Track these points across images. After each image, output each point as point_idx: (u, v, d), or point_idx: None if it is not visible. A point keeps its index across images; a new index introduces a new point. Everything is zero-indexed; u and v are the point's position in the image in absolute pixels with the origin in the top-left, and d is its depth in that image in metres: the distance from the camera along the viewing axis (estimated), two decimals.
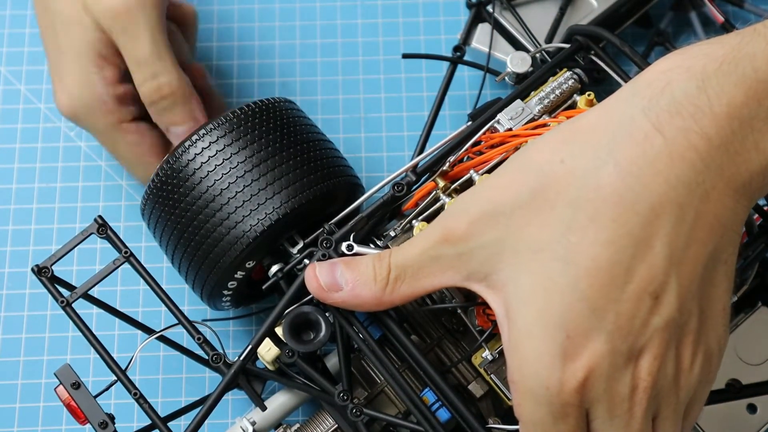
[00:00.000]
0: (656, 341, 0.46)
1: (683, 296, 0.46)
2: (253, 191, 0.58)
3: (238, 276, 0.60)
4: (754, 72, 0.47)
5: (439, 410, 0.55)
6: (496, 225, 0.48)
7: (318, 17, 0.79)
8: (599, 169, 0.47)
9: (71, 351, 0.70)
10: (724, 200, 0.47)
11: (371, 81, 0.77)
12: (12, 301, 0.71)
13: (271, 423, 0.60)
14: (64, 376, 0.54)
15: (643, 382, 0.46)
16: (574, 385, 0.46)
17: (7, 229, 0.73)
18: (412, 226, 0.58)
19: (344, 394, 0.55)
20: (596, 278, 0.46)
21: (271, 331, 0.57)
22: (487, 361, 0.56)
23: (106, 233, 0.57)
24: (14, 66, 0.77)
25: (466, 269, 0.49)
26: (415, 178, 0.58)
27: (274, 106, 0.62)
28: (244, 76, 0.77)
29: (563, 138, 0.49)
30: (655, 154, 0.46)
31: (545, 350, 0.46)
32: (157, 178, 0.60)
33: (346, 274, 0.53)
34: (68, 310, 0.56)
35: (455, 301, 0.57)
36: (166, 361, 0.69)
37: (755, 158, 0.47)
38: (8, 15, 0.79)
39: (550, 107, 0.60)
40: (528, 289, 0.47)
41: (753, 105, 0.47)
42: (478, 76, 0.77)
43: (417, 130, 0.75)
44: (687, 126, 0.46)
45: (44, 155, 0.75)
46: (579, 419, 0.47)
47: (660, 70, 0.48)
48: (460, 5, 0.79)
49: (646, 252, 0.46)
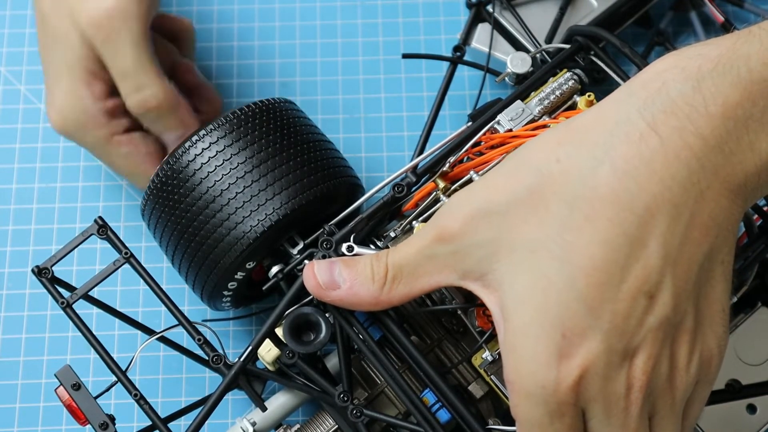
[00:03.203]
0: (651, 340, 0.46)
1: (678, 296, 0.46)
2: (253, 192, 0.58)
3: (238, 277, 0.60)
4: (748, 73, 0.47)
5: (439, 411, 0.55)
6: (490, 223, 0.48)
7: (318, 17, 0.79)
8: (595, 169, 0.47)
9: (71, 351, 0.70)
10: (720, 200, 0.47)
11: (371, 81, 0.77)
12: (12, 301, 0.71)
13: (271, 423, 0.60)
14: (65, 377, 0.54)
15: (638, 381, 0.46)
16: (570, 384, 0.46)
17: (7, 229, 0.73)
18: (413, 227, 0.58)
19: (344, 394, 0.55)
20: (592, 277, 0.46)
21: (272, 331, 0.57)
22: (487, 362, 0.56)
23: (107, 234, 0.57)
24: (14, 66, 0.78)
25: (461, 268, 0.49)
26: (415, 179, 0.58)
27: (274, 107, 0.62)
28: (244, 76, 0.77)
29: (559, 138, 0.49)
30: (651, 153, 0.46)
31: (541, 349, 0.46)
32: (157, 178, 0.60)
33: (344, 272, 0.53)
34: (68, 311, 0.56)
35: (455, 302, 0.57)
36: (166, 361, 0.69)
37: (750, 158, 0.47)
38: (8, 15, 0.79)
39: (551, 108, 0.60)
40: (524, 288, 0.47)
41: (748, 105, 0.47)
42: (478, 76, 0.77)
43: (417, 130, 0.75)
44: (682, 126, 0.46)
45: (44, 155, 0.75)
46: (575, 418, 0.47)
47: (655, 71, 0.48)
48: (460, 5, 0.79)
49: (641, 251, 0.46)
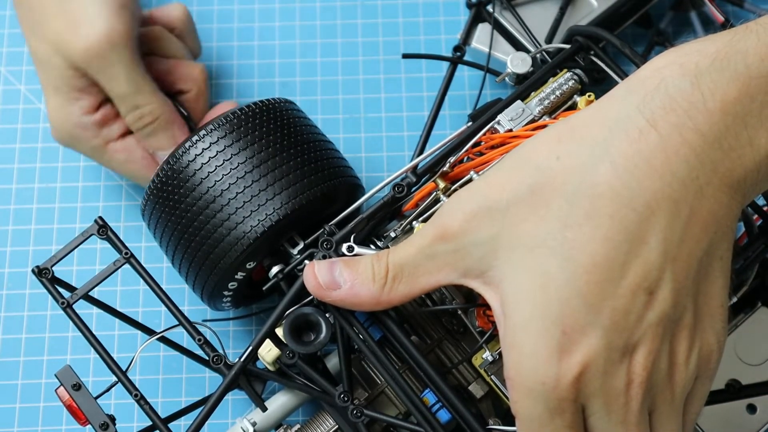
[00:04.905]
0: (650, 336, 0.46)
1: (678, 291, 0.46)
2: (253, 192, 0.58)
3: (238, 277, 0.60)
4: (746, 68, 0.47)
5: (439, 411, 0.55)
6: (491, 221, 0.48)
7: (318, 17, 0.79)
8: (595, 166, 0.47)
9: (71, 351, 0.70)
10: (719, 196, 0.47)
11: (371, 81, 0.77)
12: (12, 301, 0.71)
13: (271, 423, 0.60)
14: (65, 377, 0.54)
15: (638, 377, 0.46)
16: (570, 380, 0.46)
17: (7, 229, 0.73)
18: (413, 227, 0.58)
19: (345, 395, 0.55)
20: (592, 274, 0.46)
21: (272, 332, 0.57)
22: (488, 362, 0.56)
23: (107, 234, 0.57)
24: (14, 66, 0.78)
25: (462, 266, 0.49)
26: (415, 179, 0.58)
27: (274, 107, 0.62)
28: (244, 76, 0.77)
29: (559, 136, 0.49)
30: (650, 150, 0.46)
31: (541, 346, 0.46)
32: (158, 178, 0.60)
33: (344, 273, 0.53)
34: (69, 312, 0.56)
35: (456, 302, 0.57)
36: (166, 361, 0.69)
37: (749, 154, 0.47)
38: (8, 15, 0.79)
39: (551, 108, 0.60)
40: (524, 285, 0.47)
41: (746, 101, 0.47)
42: (478, 76, 0.77)
43: (417, 130, 0.75)
44: (681, 122, 0.46)
45: (44, 155, 0.75)
46: (575, 414, 0.47)
47: (654, 68, 0.49)
48: (460, 5, 0.79)
49: (641, 248, 0.46)
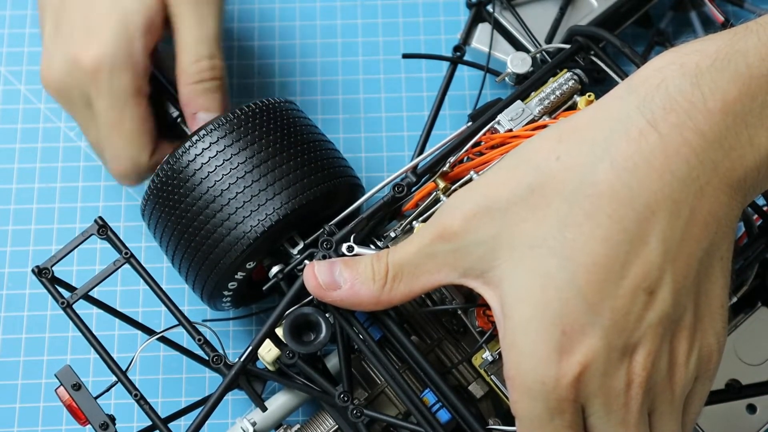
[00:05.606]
0: (650, 336, 0.46)
1: (678, 292, 0.46)
2: (253, 192, 0.58)
3: (238, 277, 0.60)
4: (746, 68, 0.47)
5: (439, 411, 0.55)
6: (491, 221, 0.48)
7: (318, 17, 0.79)
8: (595, 166, 0.47)
9: (71, 351, 0.70)
10: (719, 196, 0.47)
11: (371, 81, 0.77)
12: (12, 301, 0.71)
13: (271, 423, 0.60)
14: (65, 377, 0.54)
15: (638, 377, 0.47)
16: (570, 380, 0.46)
17: (7, 229, 0.73)
18: (413, 227, 0.58)
19: (344, 394, 0.55)
20: (592, 274, 0.46)
21: (272, 332, 0.57)
22: (488, 362, 0.56)
23: (107, 234, 0.57)
24: (14, 66, 0.77)
25: (462, 266, 0.49)
26: (415, 179, 0.58)
27: (274, 107, 0.62)
28: (244, 76, 0.77)
29: (559, 136, 0.49)
30: (651, 150, 0.46)
31: (541, 346, 0.46)
32: (158, 178, 0.60)
33: (344, 273, 0.53)
34: (69, 311, 0.56)
35: (456, 302, 0.57)
36: (166, 361, 0.69)
37: (749, 154, 0.47)
38: (8, 15, 0.79)
39: (551, 108, 0.60)
40: (524, 285, 0.47)
41: (746, 101, 0.47)
42: (478, 76, 0.77)
43: (417, 130, 0.75)
44: (681, 122, 0.46)
45: (44, 155, 0.75)
46: (575, 414, 0.47)
47: (654, 68, 0.49)
48: (460, 5, 0.79)
49: (641, 248, 0.46)
